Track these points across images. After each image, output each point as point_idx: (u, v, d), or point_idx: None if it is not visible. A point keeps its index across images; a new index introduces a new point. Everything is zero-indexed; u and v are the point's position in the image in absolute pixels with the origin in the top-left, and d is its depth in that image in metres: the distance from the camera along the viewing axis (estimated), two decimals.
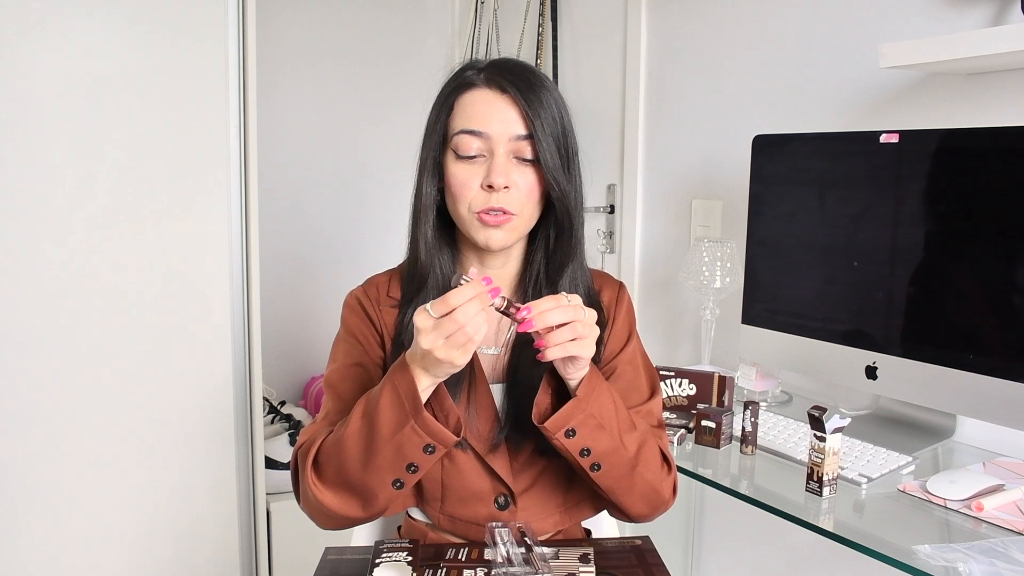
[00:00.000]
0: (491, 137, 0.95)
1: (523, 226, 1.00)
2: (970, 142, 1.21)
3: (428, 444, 0.89)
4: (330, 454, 0.94)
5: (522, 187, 0.96)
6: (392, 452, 0.89)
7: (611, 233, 2.16)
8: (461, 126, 0.96)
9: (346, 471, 0.92)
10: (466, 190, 0.96)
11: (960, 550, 0.96)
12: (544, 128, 0.95)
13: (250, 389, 1.83)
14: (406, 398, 0.87)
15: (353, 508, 0.95)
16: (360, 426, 0.90)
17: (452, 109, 0.98)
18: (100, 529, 1.69)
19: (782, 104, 1.69)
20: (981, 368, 1.19)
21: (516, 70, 0.98)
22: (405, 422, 0.87)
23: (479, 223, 0.97)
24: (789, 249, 1.48)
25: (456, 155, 0.97)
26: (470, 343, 0.83)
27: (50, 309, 1.60)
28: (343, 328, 1.07)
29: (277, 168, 2.32)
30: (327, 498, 0.94)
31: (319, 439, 0.96)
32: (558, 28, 2.34)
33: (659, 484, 1.01)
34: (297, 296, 2.49)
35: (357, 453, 0.90)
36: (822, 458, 1.13)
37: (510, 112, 0.95)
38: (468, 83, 0.98)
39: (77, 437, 1.65)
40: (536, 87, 0.97)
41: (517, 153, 0.96)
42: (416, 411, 0.87)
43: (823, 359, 1.42)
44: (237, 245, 1.77)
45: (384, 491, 0.92)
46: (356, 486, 0.92)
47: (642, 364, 1.10)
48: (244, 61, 1.73)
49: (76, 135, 1.59)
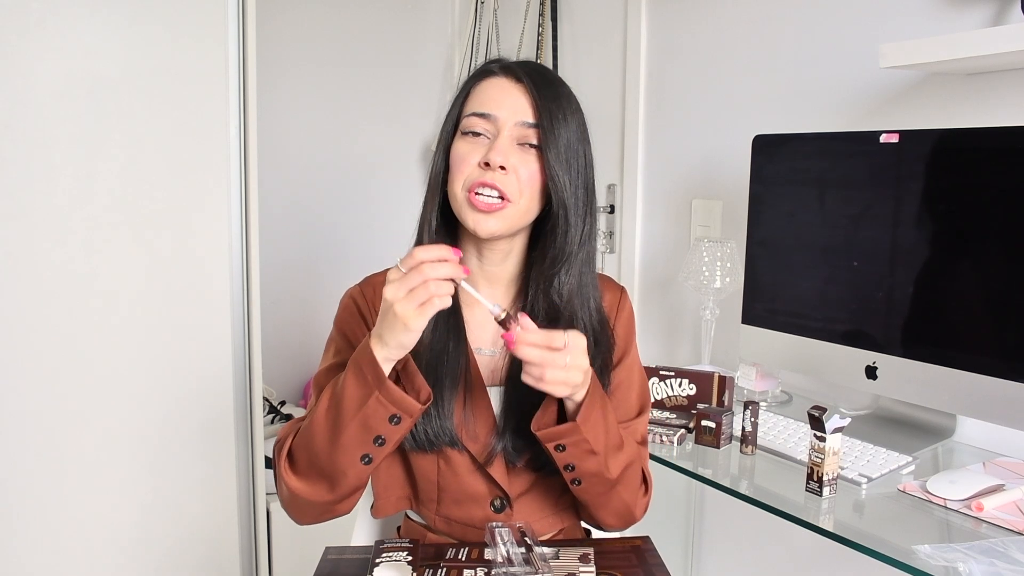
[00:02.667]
0: (497, 119, 0.94)
1: (518, 216, 0.96)
2: (970, 142, 1.21)
3: (394, 414, 0.87)
4: (301, 442, 0.93)
5: (522, 173, 0.94)
6: (358, 427, 0.88)
7: (611, 233, 2.16)
8: (471, 109, 0.97)
9: (315, 453, 0.91)
10: (463, 165, 0.95)
11: (960, 550, 0.96)
12: (553, 121, 0.94)
13: (250, 389, 1.82)
14: (367, 370, 0.86)
15: (320, 492, 0.93)
16: (327, 407, 0.90)
17: (468, 95, 0.99)
18: (101, 529, 1.69)
19: (782, 104, 1.69)
20: (981, 368, 1.19)
21: (539, 68, 0.99)
22: (369, 394, 0.86)
23: (469, 205, 0.94)
24: (789, 249, 1.48)
25: (462, 135, 0.97)
26: (430, 304, 0.82)
27: (49, 309, 1.60)
28: (335, 327, 1.07)
29: (277, 168, 2.32)
30: (295, 484, 0.93)
31: (294, 432, 0.96)
32: (558, 28, 2.34)
33: (634, 504, 1.03)
34: (297, 296, 2.49)
35: (325, 433, 0.90)
36: (822, 458, 1.13)
37: (521, 99, 0.95)
38: (487, 72, 0.99)
39: (77, 437, 1.65)
40: (555, 84, 0.98)
41: (522, 139, 0.95)
42: (379, 381, 0.86)
43: (823, 359, 1.41)
44: (237, 245, 1.77)
45: (353, 468, 0.91)
46: (325, 468, 0.92)
47: (636, 380, 1.09)
48: (244, 60, 1.73)
49: (76, 135, 1.58)
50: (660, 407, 1.50)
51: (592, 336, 1.00)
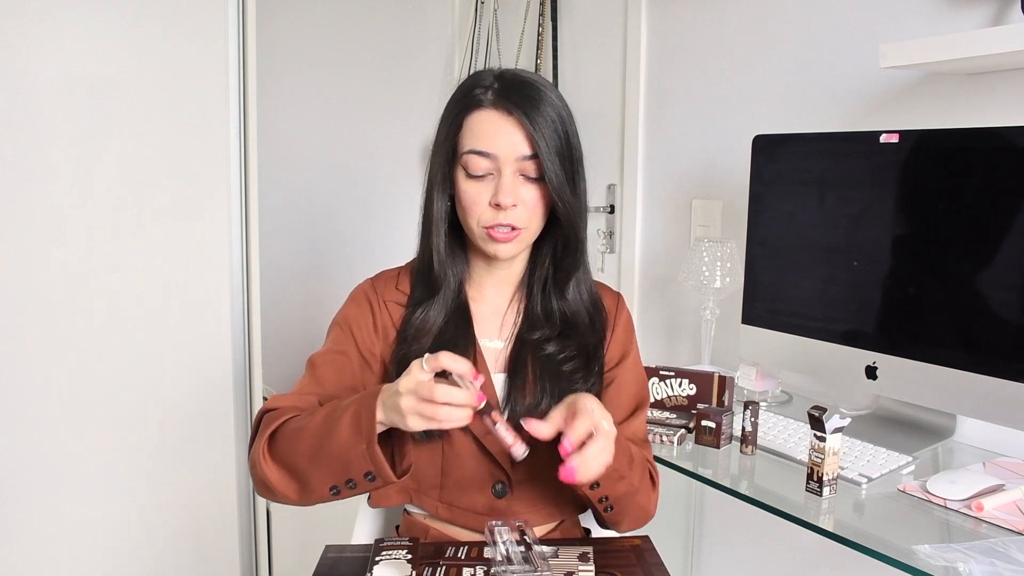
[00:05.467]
0: (498, 157, 1.00)
1: (529, 237, 1.05)
2: (970, 142, 1.21)
3: (369, 472, 0.92)
4: (288, 437, 0.97)
5: (528, 203, 1.01)
6: (338, 462, 0.93)
7: (611, 233, 2.16)
8: (470, 146, 1.01)
9: (295, 457, 0.96)
10: (476, 207, 1.01)
11: (960, 550, 0.96)
12: (548, 146, 1.00)
13: (250, 389, 1.83)
14: (364, 424, 0.91)
15: (290, 490, 0.97)
16: (320, 425, 0.94)
17: (461, 128, 1.02)
18: (99, 529, 1.69)
19: (782, 104, 1.69)
20: (981, 368, 1.19)
21: (522, 89, 1.01)
22: (358, 443, 0.91)
23: (488, 238, 1.02)
24: (789, 249, 1.48)
25: (466, 173, 1.02)
26: (432, 423, 0.88)
27: (49, 309, 1.60)
28: (341, 314, 1.11)
29: (277, 168, 2.31)
30: (271, 472, 0.97)
31: (284, 416, 1.00)
32: (558, 28, 2.33)
33: (648, 505, 1.08)
34: (298, 296, 2.48)
35: (310, 447, 0.94)
36: (822, 458, 1.13)
37: (516, 134, 0.99)
38: (476, 103, 1.01)
39: (76, 437, 1.65)
40: (539, 103, 1.00)
41: (523, 171, 1.01)
42: (370, 440, 0.91)
43: (823, 359, 1.41)
44: (237, 244, 1.77)
45: (320, 490, 0.95)
46: (299, 473, 0.96)
47: (633, 380, 1.14)
48: (244, 60, 1.74)
49: (76, 135, 1.58)
50: (660, 407, 1.50)
51: (587, 317, 1.09)
